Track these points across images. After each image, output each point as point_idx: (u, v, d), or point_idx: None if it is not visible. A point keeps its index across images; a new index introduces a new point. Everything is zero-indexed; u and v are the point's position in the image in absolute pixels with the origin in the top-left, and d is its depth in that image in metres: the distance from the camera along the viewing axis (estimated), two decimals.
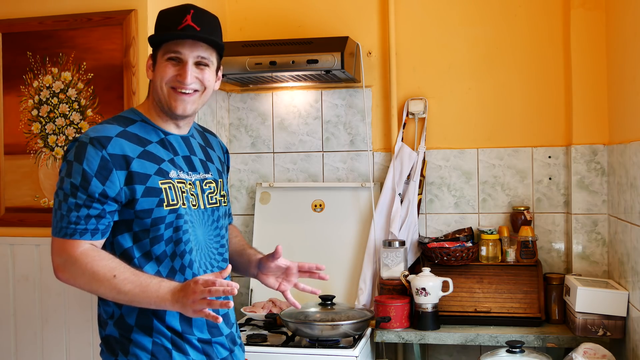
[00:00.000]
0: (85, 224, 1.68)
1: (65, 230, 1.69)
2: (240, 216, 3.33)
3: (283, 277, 2.01)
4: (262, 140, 3.31)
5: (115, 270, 1.66)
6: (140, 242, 1.75)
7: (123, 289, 1.65)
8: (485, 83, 3.10)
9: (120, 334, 1.76)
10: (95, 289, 1.69)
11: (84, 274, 1.67)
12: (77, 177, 1.68)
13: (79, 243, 1.68)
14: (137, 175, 1.72)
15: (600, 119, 2.91)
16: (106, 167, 1.69)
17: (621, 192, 2.65)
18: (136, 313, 1.74)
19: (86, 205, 1.68)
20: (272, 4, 3.28)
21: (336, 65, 2.80)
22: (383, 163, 3.19)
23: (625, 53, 2.63)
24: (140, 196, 1.72)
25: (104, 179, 1.68)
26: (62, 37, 2.61)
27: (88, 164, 1.68)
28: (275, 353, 2.56)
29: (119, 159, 1.70)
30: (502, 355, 2.46)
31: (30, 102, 2.67)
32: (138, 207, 1.72)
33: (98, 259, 1.67)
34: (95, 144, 1.69)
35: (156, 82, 1.82)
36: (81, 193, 1.67)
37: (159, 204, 1.74)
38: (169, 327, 1.75)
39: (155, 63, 1.83)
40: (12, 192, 2.70)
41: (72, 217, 1.68)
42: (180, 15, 1.79)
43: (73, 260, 1.67)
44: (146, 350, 1.73)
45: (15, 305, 2.66)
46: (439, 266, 2.89)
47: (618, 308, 2.56)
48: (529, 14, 3.06)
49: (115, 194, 1.70)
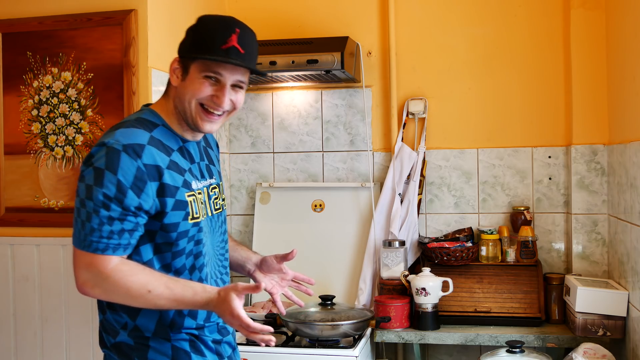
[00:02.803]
0: (118, 238, 1.58)
1: (96, 245, 1.57)
2: (240, 216, 3.33)
3: (277, 281, 2.02)
4: (262, 140, 3.31)
5: (149, 285, 1.58)
6: (162, 254, 1.68)
7: (158, 303, 1.60)
8: (485, 83, 3.10)
9: (136, 341, 1.70)
10: (129, 303, 1.62)
11: (117, 291, 1.59)
12: (110, 188, 1.55)
13: (111, 259, 1.58)
14: (168, 188, 1.63)
15: (600, 119, 2.91)
16: (142, 178, 1.58)
17: (621, 192, 2.65)
18: (154, 325, 1.69)
19: (120, 219, 1.57)
20: (272, 4, 3.28)
21: (336, 65, 2.80)
22: (383, 163, 3.19)
23: (625, 53, 2.63)
24: (170, 209, 1.64)
25: (139, 191, 1.58)
26: (62, 37, 2.61)
27: (123, 175, 1.56)
28: (275, 353, 2.56)
29: (153, 170, 1.61)
30: (502, 355, 2.46)
31: (30, 102, 2.67)
32: (166, 220, 1.64)
33: (130, 274, 1.59)
34: (130, 153, 1.58)
35: (185, 95, 1.70)
36: (116, 205, 1.56)
37: (185, 218, 1.67)
38: (186, 331, 1.74)
39: (187, 73, 1.70)
40: (12, 192, 2.70)
41: (104, 231, 1.56)
42: (225, 32, 1.67)
43: (105, 276, 1.58)
44: (166, 354, 1.70)
45: (15, 305, 2.66)
46: (439, 266, 2.89)
47: (618, 308, 2.56)
48: (528, 14, 3.06)
49: (149, 207, 1.61)
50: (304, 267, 3.06)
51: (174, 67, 1.73)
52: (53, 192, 2.64)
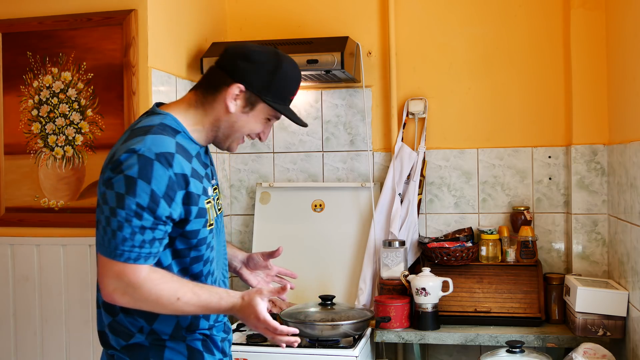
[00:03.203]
0: (150, 247, 1.59)
1: (128, 254, 1.56)
2: (240, 216, 3.33)
3: (263, 277, 2.06)
4: None
5: (178, 292, 1.61)
6: (181, 259, 1.70)
7: (185, 310, 1.64)
8: (485, 83, 3.10)
9: (151, 342, 1.71)
10: (157, 311, 1.65)
11: (148, 299, 1.60)
12: (144, 197, 1.55)
13: (143, 268, 1.59)
14: (193, 196, 1.65)
15: (600, 119, 2.91)
16: (173, 187, 1.59)
17: (621, 192, 2.65)
18: (172, 329, 1.72)
19: (152, 228, 1.58)
20: (272, 4, 3.28)
21: (336, 65, 2.80)
22: (383, 163, 3.19)
23: (625, 53, 2.63)
24: (194, 217, 1.66)
25: (170, 201, 1.59)
26: (62, 37, 2.61)
27: (157, 184, 1.56)
28: (275, 353, 2.56)
29: (181, 179, 1.62)
30: (502, 355, 2.46)
31: (30, 102, 2.67)
32: (189, 227, 1.66)
33: (161, 282, 1.61)
34: (163, 162, 1.58)
35: (242, 126, 1.76)
36: (148, 215, 1.56)
37: (204, 225, 1.70)
38: (200, 332, 1.77)
39: (252, 108, 1.75)
40: (12, 192, 2.70)
41: (136, 240, 1.56)
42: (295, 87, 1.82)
43: (136, 285, 1.58)
44: (183, 354, 1.72)
45: (15, 305, 2.66)
46: (439, 266, 2.89)
47: (618, 308, 2.56)
48: (528, 15, 3.06)
49: (177, 215, 1.62)
50: (304, 267, 3.09)
51: (235, 94, 1.73)
52: (53, 192, 2.64)
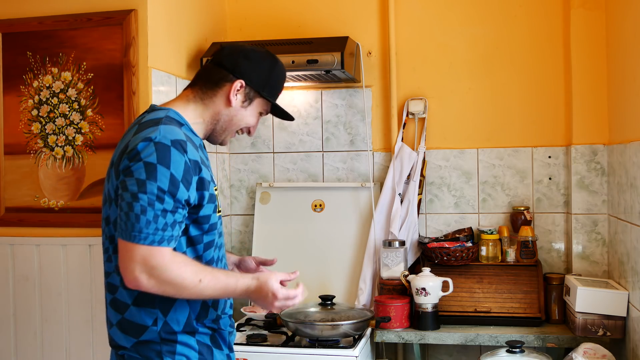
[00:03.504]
0: (172, 230, 1.64)
1: (152, 237, 1.62)
2: (240, 216, 3.33)
3: None
4: (262, 140, 3.31)
5: (200, 274, 1.67)
6: (194, 246, 1.76)
7: (206, 293, 1.69)
8: (485, 83, 3.10)
9: (163, 337, 1.73)
10: (179, 293, 1.68)
11: (173, 281, 1.64)
12: (164, 181, 1.62)
13: (167, 250, 1.64)
14: (205, 182, 1.73)
15: (600, 119, 2.91)
16: (189, 172, 1.67)
17: (621, 192, 2.65)
18: (185, 318, 1.75)
19: (173, 211, 1.64)
20: (272, 4, 3.28)
21: (336, 65, 2.80)
22: (383, 163, 3.19)
23: (625, 53, 2.63)
24: (206, 202, 1.73)
25: (188, 185, 1.66)
26: (62, 37, 2.61)
27: (175, 169, 1.63)
28: (275, 353, 2.56)
29: (194, 165, 1.69)
30: (502, 355, 2.46)
31: (30, 102, 2.67)
32: (202, 212, 1.73)
33: (184, 264, 1.67)
34: (179, 147, 1.66)
35: (239, 120, 1.90)
36: (169, 198, 1.62)
37: (214, 210, 1.78)
38: (207, 326, 1.81)
39: (250, 103, 1.91)
40: (12, 192, 2.70)
41: (159, 223, 1.62)
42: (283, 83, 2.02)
43: (163, 267, 1.62)
44: (193, 348, 1.76)
45: (15, 305, 2.66)
46: (439, 266, 2.89)
47: (618, 308, 2.56)
48: (528, 15, 3.06)
49: (193, 200, 1.69)
50: (304, 267, 3.08)
51: (237, 89, 1.86)
52: (53, 192, 2.64)
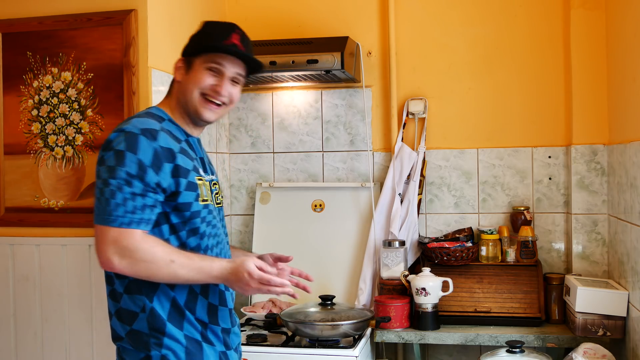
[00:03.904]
0: (141, 213, 1.71)
1: (121, 219, 1.69)
2: (240, 216, 3.33)
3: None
4: (262, 140, 3.31)
5: (172, 255, 1.72)
6: (178, 233, 1.80)
7: (180, 273, 1.71)
8: (485, 83, 3.10)
9: (151, 327, 1.77)
10: (154, 274, 1.72)
11: (144, 261, 1.70)
12: (132, 167, 1.69)
13: (136, 232, 1.70)
14: (181, 169, 1.77)
15: (600, 119, 2.91)
16: (159, 158, 1.73)
17: (621, 192, 2.65)
18: (169, 305, 1.78)
19: (142, 195, 1.70)
20: (272, 4, 3.28)
21: (336, 65, 2.80)
22: (383, 163, 3.19)
23: (625, 53, 2.63)
24: (183, 189, 1.78)
25: (158, 170, 1.72)
26: (62, 37, 2.61)
27: (144, 154, 1.71)
28: (275, 353, 2.56)
29: (167, 152, 1.75)
30: (502, 355, 2.46)
31: (30, 102, 2.67)
32: (180, 199, 1.78)
33: (154, 244, 1.72)
34: (148, 135, 1.73)
35: (188, 86, 1.86)
36: (138, 182, 1.70)
37: (196, 198, 1.81)
38: (197, 319, 1.82)
39: (190, 68, 1.87)
40: (12, 192, 2.70)
41: (128, 206, 1.69)
42: (226, 31, 1.86)
43: (133, 248, 1.69)
44: (180, 343, 1.78)
45: (15, 305, 2.65)
46: (439, 266, 2.89)
47: (618, 308, 2.56)
48: (528, 14, 3.06)
49: (167, 185, 1.74)
50: (304, 267, 3.06)
51: (178, 66, 1.90)
52: (53, 192, 2.64)
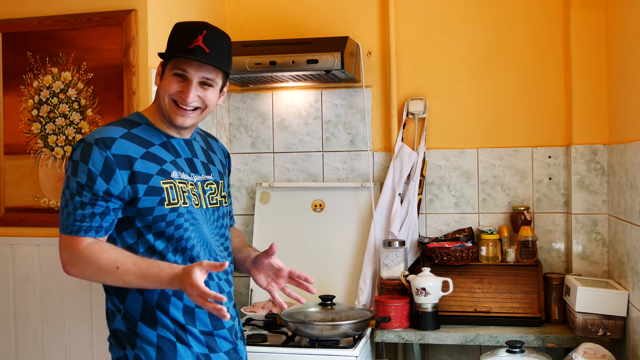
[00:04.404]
0: (90, 221, 1.77)
1: (71, 228, 1.77)
2: (240, 216, 3.33)
3: (273, 278, 2.04)
4: (262, 140, 3.31)
5: (117, 262, 1.75)
6: (143, 237, 1.83)
7: (127, 279, 1.75)
8: (485, 83, 3.10)
9: (127, 327, 1.84)
10: (103, 279, 1.79)
11: (90, 267, 1.76)
12: (82, 177, 1.76)
13: (84, 239, 1.77)
14: (140, 175, 1.80)
15: (600, 119, 2.91)
16: (110, 167, 1.76)
17: (621, 192, 2.65)
18: (140, 307, 1.83)
19: (91, 204, 1.76)
20: (272, 4, 3.28)
21: (336, 65, 2.80)
22: (383, 163, 3.19)
23: (625, 53, 2.63)
24: (142, 195, 1.80)
25: (108, 178, 1.76)
26: (62, 37, 2.61)
27: (93, 164, 1.76)
28: (275, 353, 2.56)
29: (122, 159, 1.78)
30: (502, 355, 2.46)
31: (30, 102, 2.67)
32: (140, 205, 1.80)
33: (100, 251, 1.76)
34: (100, 145, 1.77)
35: (160, 92, 1.89)
36: (86, 192, 1.76)
37: (160, 203, 1.82)
38: (172, 319, 1.83)
39: (163, 74, 1.90)
40: (12, 192, 2.70)
41: (77, 215, 1.76)
42: (193, 34, 1.84)
43: (79, 255, 1.76)
44: (152, 343, 1.82)
45: (15, 305, 2.66)
46: (439, 266, 2.89)
47: (618, 308, 2.56)
48: (528, 14, 3.06)
49: (119, 192, 1.78)
50: (304, 267, 3.06)
51: (158, 71, 1.93)
52: (53, 192, 2.65)
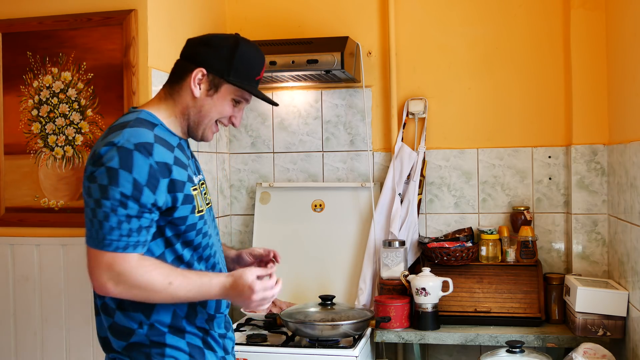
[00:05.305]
0: (137, 235, 1.62)
1: (117, 244, 1.60)
2: (240, 216, 3.33)
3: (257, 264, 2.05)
4: (262, 140, 3.31)
5: (169, 277, 1.64)
6: (172, 247, 1.73)
7: (179, 294, 1.66)
8: (485, 83, 3.10)
9: (151, 340, 1.72)
10: (150, 298, 1.66)
11: (141, 286, 1.62)
12: (127, 186, 1.59)
13: (132, 256, 1.62)
14: (177, 183, 1.68)
15: (600, 119, 2.91)
16: (155, 175, 1.63)
17: (621, 192, 2.65)
18: (169, 320, 1.73)
19: (138, 217, 1.61)
20: (272, 4, 3.28)
21: (336, 65, 2.80)
22: (383, 163, 3.19)
23: (625, 53, 2.63)
24: (180, 204, 1.69)
25: (154, 188, 1.62)
26: (62, 37, 2.61)
27: (138, 173, 1.60)
28: (275, 353, 2.56)
29: (163, 167, 1.65)
30: (502, 355, 2.46)
31: (30, 102, 2.67)
32: (177, 214, 1.69)
33: (152, 268, 1.64)
34: (142, 151, 1.62)
35: (209, 110, 1.79)
36: (133, 203, 1.60)
37: (192, 211, 1.73)
38: (199, 327, 1.79)
39: (217, 91, 1.78)
40: (12, 192, 2.70)
41: (123, 229, 1.60)
42: (260, 64, 1.83)
43: (128, 273, 1.61)
44: (183, 351, 1.74)
45: (15, 305, 2.65)
46: (439, 266, 2.89)
47: (618, 308, 2.56)
48: (528, 14, 3.06)
49: (163, 203, 1.65)
50: (304, 267, 3.09)
51: (198, 78, 1.77)
52: (53, 192, 2.64)
